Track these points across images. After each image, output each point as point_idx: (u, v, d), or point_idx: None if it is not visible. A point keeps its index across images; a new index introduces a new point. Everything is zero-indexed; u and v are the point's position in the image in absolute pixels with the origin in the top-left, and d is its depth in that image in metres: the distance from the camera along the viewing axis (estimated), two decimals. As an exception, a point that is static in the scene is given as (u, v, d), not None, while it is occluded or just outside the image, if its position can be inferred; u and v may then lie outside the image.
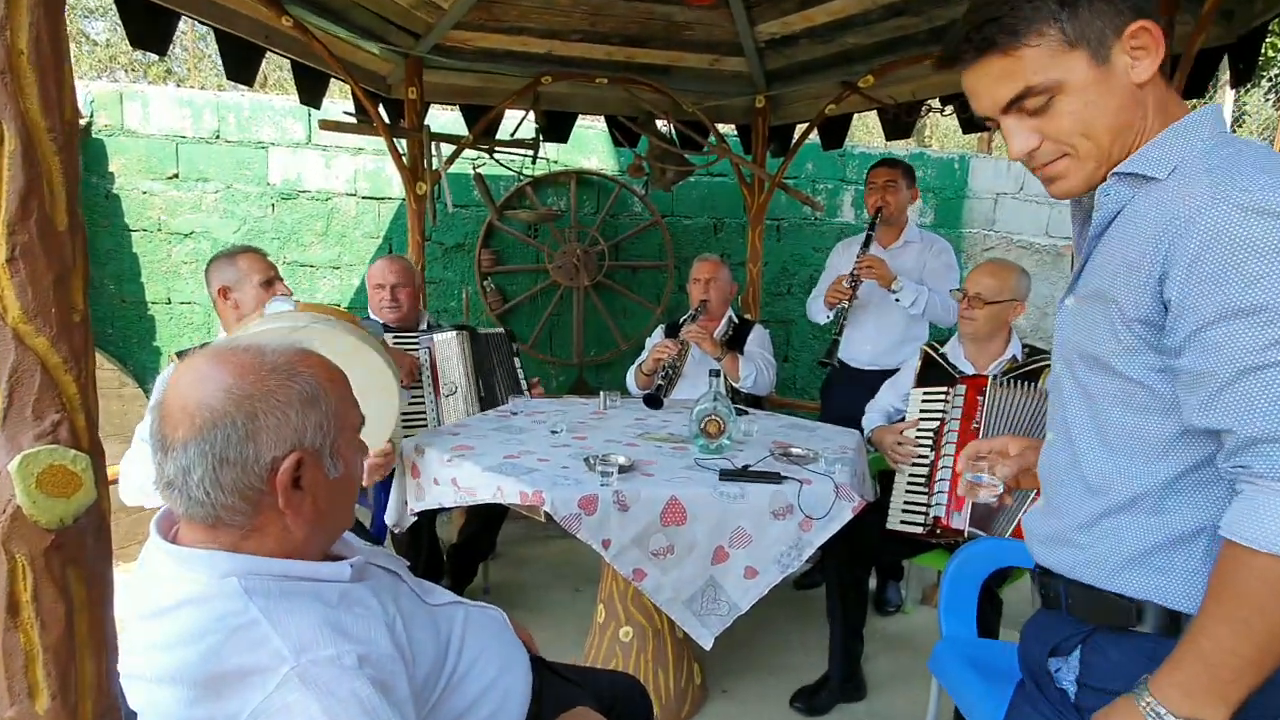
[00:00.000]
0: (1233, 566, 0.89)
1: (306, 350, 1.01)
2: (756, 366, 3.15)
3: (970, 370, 2.51)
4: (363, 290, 4.73)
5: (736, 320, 3.38)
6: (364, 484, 2.39)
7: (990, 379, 2.35)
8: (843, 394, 3.30)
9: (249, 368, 0.95)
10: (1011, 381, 2.33)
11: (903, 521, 2.37)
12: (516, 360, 3.11)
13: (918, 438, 2.46)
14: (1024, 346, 2.54)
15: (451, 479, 2.12)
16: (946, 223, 5.61)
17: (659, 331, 3.48)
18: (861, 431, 2.70)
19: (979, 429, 2.29)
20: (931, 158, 5.61)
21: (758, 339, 3.31)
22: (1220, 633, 0.89)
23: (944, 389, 2.45)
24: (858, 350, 3.36)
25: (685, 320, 3.24)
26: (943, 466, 2.33)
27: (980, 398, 2.32)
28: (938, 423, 2.42)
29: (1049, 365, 2.40)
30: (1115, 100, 0.98)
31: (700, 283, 3.27)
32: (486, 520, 2.99)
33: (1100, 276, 1.01)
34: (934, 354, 2.64)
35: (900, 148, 5.60)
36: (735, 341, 3.28)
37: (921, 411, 2.50)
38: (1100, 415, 1.02)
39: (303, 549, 0.98)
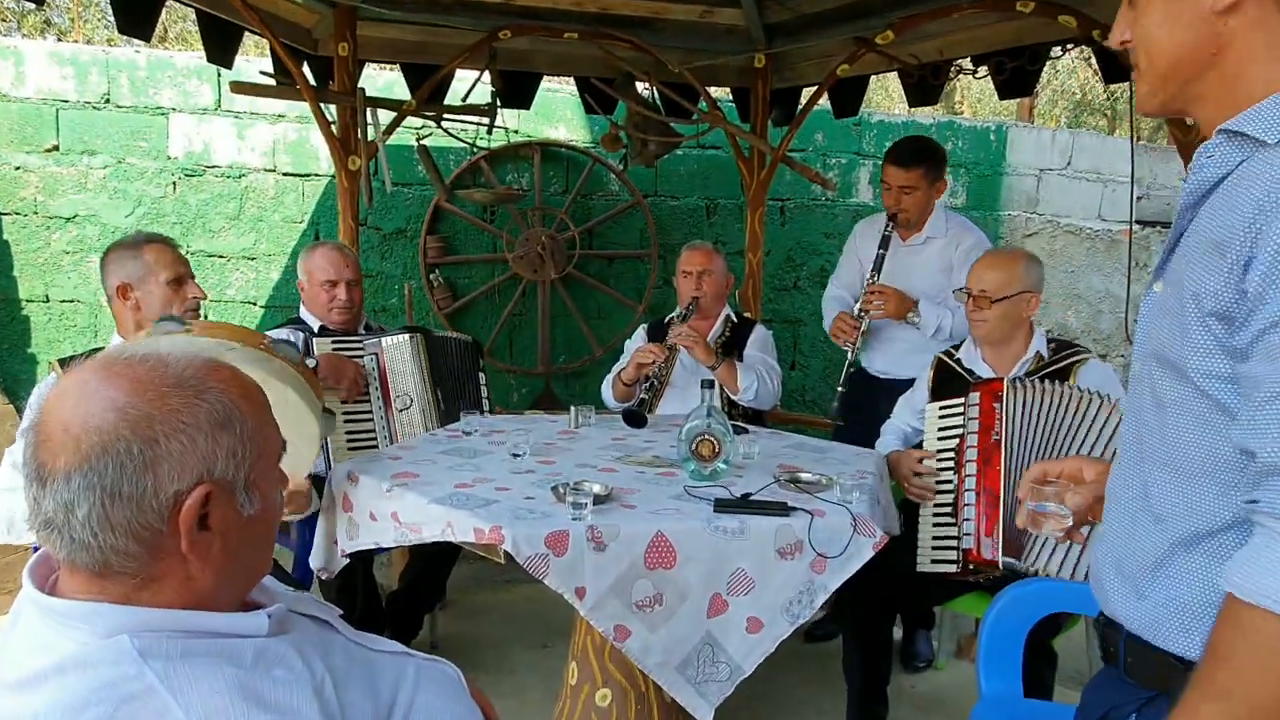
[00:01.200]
0: (1221, 620, 0.91)
1: (217, 361, 1.00)
2: (758, 375, 3.16)
3: (991, 375, 2.55)
4: (284, 285, 4.71)
5: (734, 320, 3.39)
6: (284, 516, 2.37)
7: (1006, 382, 2.39)
8: (858, 406, 3.32)
9: (148, 382, 0.94)
10: (1033, 382, 2.37)
11: (934, 560, 2.39)
12: (483, 376, 3.10)
13: (939, 461, 2.49)
14: (1050, 341, 2.59)
15: (391, 513, 2.11)
16: (981, 204, 5.67)
17: (641, 334, 3.48)
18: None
19: (1000, 440, 2.33)
20: (962, 127, 5.67)
21: (759, 342, 3.32)
22: (1200, 702, 0.90)
23: (961, 399, 2.48)
24: (871, 355, 3.39)
25: (673, 320, 3.25)
26: (966, 489, 2.36)
27: (997, 404, 2.36)
28: (958, 440, 2.45)
29: (1082, 359, 2.45)
30: (1182, 24, 0.99)
31: (690, 276, 3.28)
32: (433, 562, 2.97)
33: (1184, 258, 1.02)
34: (948, 361, 2.68)
35: (925, 115, 5.66)
36: (732, 345, 3.29)
37: (940, 430, 2.53)
38: (1169, 430, 1.03)
39: (210, 600, 0.97)
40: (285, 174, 4.73)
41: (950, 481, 2.44)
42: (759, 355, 3.27)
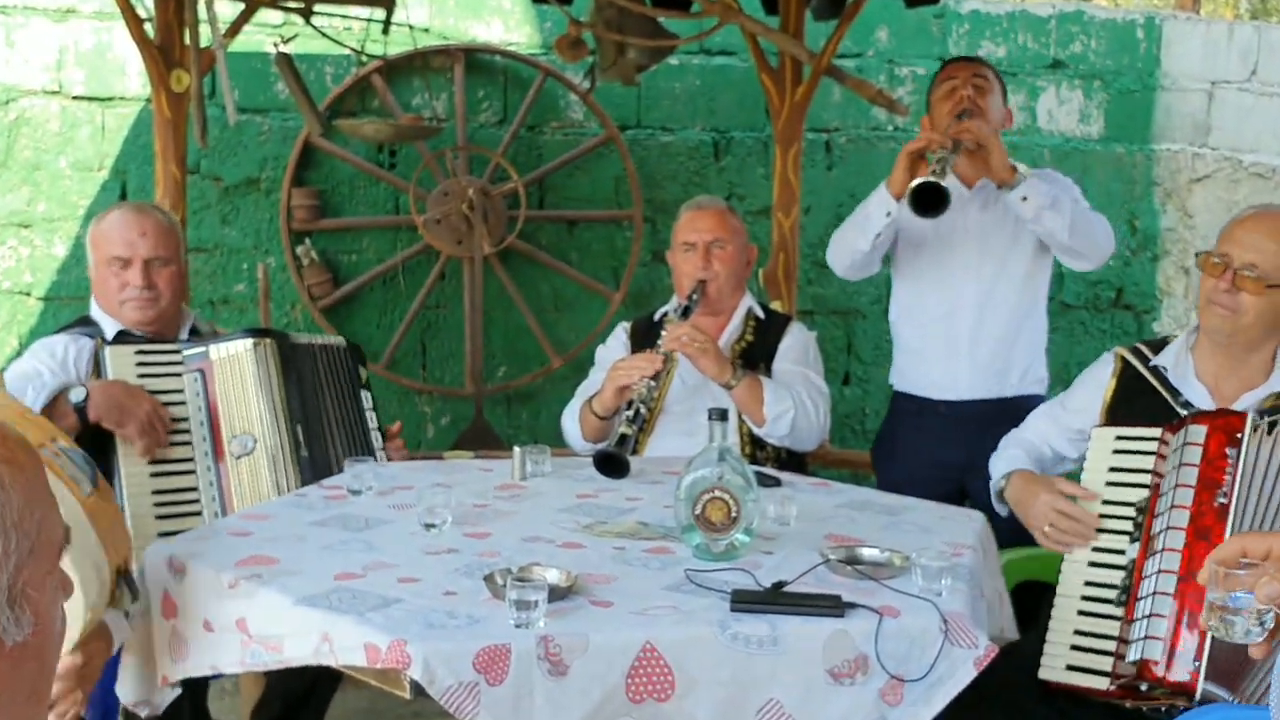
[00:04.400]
0: None
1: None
2: (794, 398, 3.16)
3: (1208, 403, 2.50)
4: (74, 266, 4.68)
5: (759, 315, 3.40)
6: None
7: (1251, 418, 2.33)
8: (914, 443, 3.36)
9: None
10: None
11: (1071, 666, 2.36)
12: (366, 396, 3.10)
13: (1104, 511, 2.45)
14: None
15: (237, 621, 2.08)
16: (1125, 134, 5.68)
17: (620, 336, 3.50)
18: (967, 498, 2.71)
19: (1228, 505, 2.28)
20: (1095, 20, 5.68)
21: (796, 349, 3.34)
22: None
23: (1158, 431, 2.44)
24: (932, 365, 3.43)
25: (668, 316, 3.25)
26: (1153, 572, 2.31)
27: (1232, 451, 2.31)
28: (1148, 492, 2.41)
29: None
30: None
31: (694, 249, 3.29)
32: (302, 691, 2.96)
33: None
34: (1139, 365, 2.62)
35: (1040, 2, 5.68)
36: (757, 353, 3.30)
37: (1114, 471, 2.49)
38: None
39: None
40: (77, 98, 4.71)
41: (1122, 553, 2.40)
42: (796, 369, 3.28)
